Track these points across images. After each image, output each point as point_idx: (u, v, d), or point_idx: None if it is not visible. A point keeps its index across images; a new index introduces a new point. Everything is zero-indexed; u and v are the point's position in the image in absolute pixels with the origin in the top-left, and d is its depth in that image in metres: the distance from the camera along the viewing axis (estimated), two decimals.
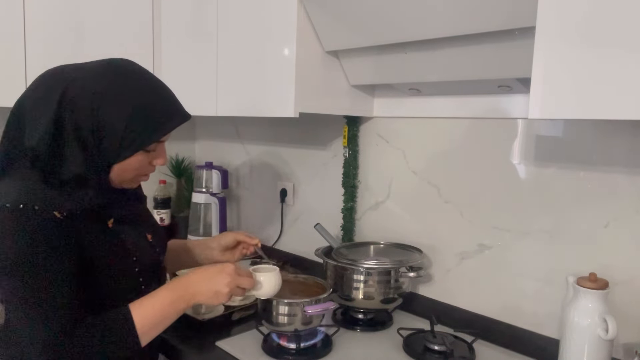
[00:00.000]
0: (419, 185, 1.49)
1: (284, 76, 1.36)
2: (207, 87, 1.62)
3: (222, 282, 0.97)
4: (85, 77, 0.90)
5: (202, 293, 0.97)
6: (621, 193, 1.11)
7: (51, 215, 0.85)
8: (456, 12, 1.07)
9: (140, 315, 0.91)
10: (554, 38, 0.84)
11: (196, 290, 0.96)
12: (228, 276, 0.98)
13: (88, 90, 0.89)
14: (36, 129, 0.88)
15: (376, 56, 1.36)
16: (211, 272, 0.99)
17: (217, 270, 0.99)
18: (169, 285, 0.98)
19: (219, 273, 0.99)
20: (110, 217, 0.97)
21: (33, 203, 0.85)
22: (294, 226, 1.92)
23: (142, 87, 0.93)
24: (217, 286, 0.97)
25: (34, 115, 0.90)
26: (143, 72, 0.96)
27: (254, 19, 1.46)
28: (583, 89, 0.81)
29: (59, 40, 1.58)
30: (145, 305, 0.92)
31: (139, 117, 0.91)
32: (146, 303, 0.93)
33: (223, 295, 0.98)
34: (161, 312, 0.93)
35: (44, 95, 0.90)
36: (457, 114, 1.40)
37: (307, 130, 1.83)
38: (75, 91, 0.88)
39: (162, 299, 0.94)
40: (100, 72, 0.92)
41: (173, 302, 0.94)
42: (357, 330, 1.35)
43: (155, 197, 2.13)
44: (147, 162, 0.99)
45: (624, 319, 1.07)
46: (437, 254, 1.46)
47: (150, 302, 0.93)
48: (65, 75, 0.91)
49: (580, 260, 1.17)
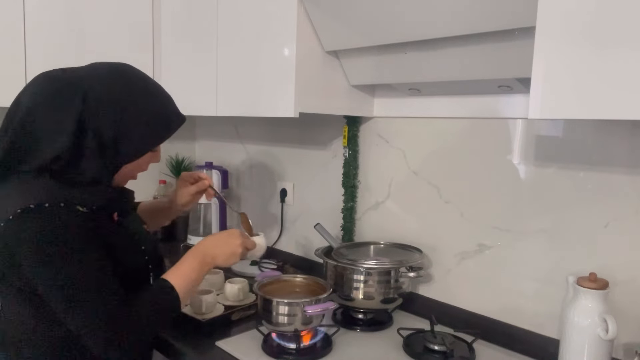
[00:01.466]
0: (419, 185, 1.49)
1: (284, 76, 1.36)
2: (207, 87, 1.62)
3: (235, 243, 1.11)
4: (101, 86, 0.95)
5: (220, 255, 1.09)
6: (621, 193, 1.11)
7: (75, 210, 0.90)
8: (456, 12, 1.07)
9: (178, 284, 1.00)
10: (554, 38, 0.84)
11: (215, 254, 1.08)
12: (239, 237, 1.13)
13: (107, 102, 0.94)
14: (56, 139, 0.91)
15: (376, 56, 1.36)
16: (224, 236, 1.13)
17: (228, 234, 1.14)
18: (189, 254, 1.07)
19: (230, 236, 1.13)
20: (114, 212, 1.03)
21: (57, 201, 0.89)
22: (294, 226, 1.92)
23: (150, 92, 1.01)
24: (232, 247, 1.11)
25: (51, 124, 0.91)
26: (146, 78, 1.03)
27: (254, 19, 1.46)
28: (583, 89, 0.81)
29: (59, 41, 1.58)
30: (177, 274, 1.02)
31: (153, 121, 0.99)
32: (177, 272, 1.03)
33: (237, 255, 1.11)
34: (191, 278, 1.03)
35: (60, 103, 0.92)
36: (457, 114, 1.40)
37: (307, 130, 1.83)
38: (94, 102, 0.93)
39: (190, 266, 1.04)
40: (113, 81, 0.97)
41: (199, 267, 1.05)
42: (357, 330, 1.35)
43: (155, 197, 2.13)
44: (147, 162, 1.06)
45: (624, 319, 1.07)
46: (437, 254, 1.46)
47: (181, 270, 1.03)
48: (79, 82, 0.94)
49: (580, 260, 1.17)
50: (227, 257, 1.10)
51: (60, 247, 0.87)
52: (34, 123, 0.92)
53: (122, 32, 1.69)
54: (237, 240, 1.12)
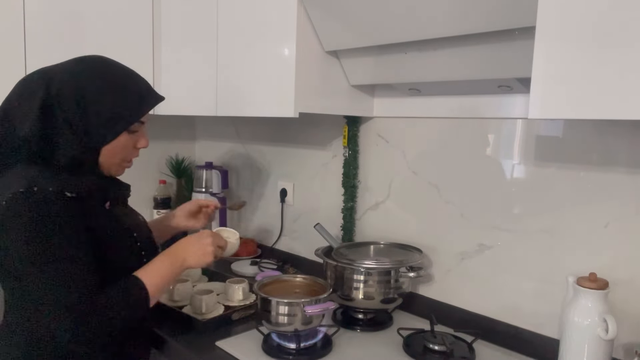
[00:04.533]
0: (419, 185, 1.49)
1: (284, 76, 1.36)
2: (207, 87, 1.62)
3: (205, 241, 1.12)
4: (63, 71, 1.00)
5: (191, 254, 1.10)
6: (621, 193, 1.11)
7: (63, 196, 0.93)
8: (456, 12, 1.07)
9: (149, 280, 1.01)
10: (554, 38, 0.84)
11: (185, 255, 1.09)
12: (209, 237, 1.13)
13: (69, 83, 0.98)
14: (25, 120, 0.96)
15: (376, 56, 1.36)
16: (194, 237, 1.13)
17: (198, 234, 1.14)
18: (163, 253, 1.09)
19: (201, 236, 1.13)
20: (106, 200, 1.06)
21: (46, 185, 0.92)
22: (294, 226, 1.92)
23: (118, 74, 1.04)
24: (203, 247, 1.11)
25: (22, 110, 0.98)
26: (116, 63, 1.06)
27: (254, 19, 1.46)
28: (583, 89, 0.81)
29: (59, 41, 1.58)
30: (149, 272, 1.03)
31: (119, 100, 1.01)
32: (149, 270, 1.04)
33: (209, 254, 1.11)
34: (163, 277, 1.05)
35: (28, 91, 0.99)
36: (457, 114, 1.40)
37: (307, 130, 1.83)
38: (58, 83, 0.98)
39: (162, 265, 1.06)
40: (78, 66, 1.02)
41: (171, 267, 1.07)
42: (357, 330, 1.35)
43: (155, 197, 2.13)
44: (132, 145, 1.08)
45: (624, 319, 1.07)
46: (437, 254, 1.46)
47: (153, 269, 1.04)
48: (47, 72, 1.01)
49: (580, 260, 1.17)
50: (199, 258, 1.11)
51: (43, 229, 0.90)
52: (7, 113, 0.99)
53: (122, 32, 1.69)
54: (207, 240, 1.12)
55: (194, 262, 1.10)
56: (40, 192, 0.91)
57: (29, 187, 0.91)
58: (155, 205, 2.12)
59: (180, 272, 1.10)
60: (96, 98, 0.99)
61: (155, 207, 2.12)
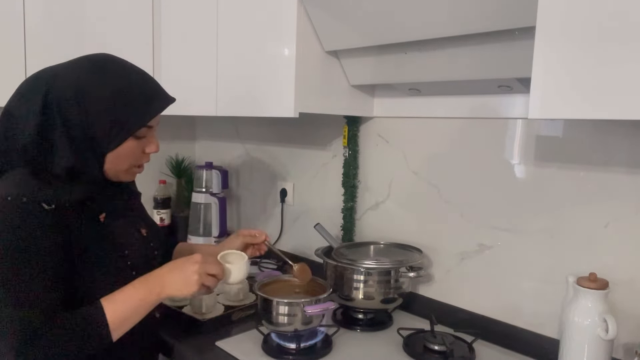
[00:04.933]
0: (419, 185, 1.49)
1: (284, 76, 1.36)
2: (207, 87, 1.62)
3: (190, 269, 0.96)
4: (65, 72, 0.93)
5: (171, 284, 0.96)
6: (621, 193, 1.11)
7: (39, 207, 0.86)
8: (456, 12, 1.07)
9: (112, 309, 0.90)
10: (554, 38, 0.84)
11: (165, 282, 0.95)
12: (195, 264, 0.97)
13: (70, 84, 0.91)
14: (25, 127, 0.91)
15: (376, 56, 1.36)
16: (179, 262, 0.99)
17: (184, 260, 0.99)
18: (139, 279, 0.96)
19: (186, 262, 0.98)
20: (102, 211, 0.97)
21: (21, 195, 0.86)
22: (294, 226, 1.92)
23: (122, 74, 0.95)
24: (186, 274, 0.96)
25: (21, 114, 0.92)
26: (121, 61, 0.98)
27: (254, 19, 1.45)
28: (583, 89, 0.81)
29: (59, 41, 1.58)
30: (117, 300, 0.92)
31: (123, 103, 0.93)
32: (117, 298, 0.92)
33: (193, 284, 0.96)
34: (132, 307, 0.93)
35: (28, 94, 0.93)
36: (457, 114, 1.40)
37: (307, 130, 1.83)
38: (57, 86, 0.91)
39: (133, 293, 0.94)
40: (79, 66, 0.94)
41: (144, 296, 0.94)
42: (357, 330, 1.35)
43: (155, 197, 2.13)
44: (140, 151, 0.99)
45: (624, 319, 1.07)
46: (437, 254, 1.46)
47: (122, 296, 0.93)
48: (46, 73, 0.94)
49: (580, 260, 1.17)
50: (180, 286, 0.96)
51: (6, 241, 0.85)
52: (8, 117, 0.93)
53: (122, 32, 1.69)
54: (193, 267, 0.96)
55: (174, 292, 0.95)
56: (14, 202, 0.85)
57: (4, 195, 0.86)
58: (155, 205, 2.12)
59: (156, 303, 0.96)
60: (98, 101, 0.91)
61: (155, 207, 2.12)
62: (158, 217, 2.11)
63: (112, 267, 0.97)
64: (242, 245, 1.24)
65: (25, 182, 0.89)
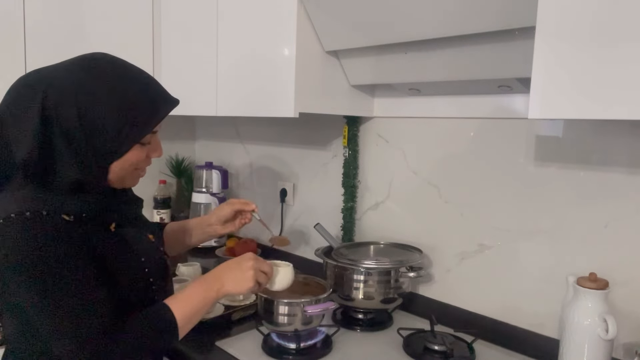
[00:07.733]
0: (419, 185, 1.49)
1: (284, 76, 1.36)
2: (207, 87, 1.62)
3: (245, 266, 1.01)
4: (63, 78, 0.85)
5: (229, 280, 0.99)
6: (621, 193, 1.11)
7: (60, 219, 0.84)
8: (456, 12, 1.07)
9: (178, 309, 0.92)
10: (554, 38, 0.84)
11: (224, 279, 0.99)
12: (250, 260, 1.02)
13: (69, 93, 0.84)
14: (23, 142, 0.84)
15: (376, 56, 1.36)
16: (234, 261, 1.04)
17: (239, 258, 1.04)
18: (198, 279, 1.01)
19: (241, 259, 1.03)
20: (112, 221, 0.96)
21: (39, 209, 0.83)
22: (294, 226, 1.92)
23: (124, 78, 0.89)
24: (242, 271, 1.01)
25: (17, 128, 0.84)
26: (122, 63, 0.91)
27: (254, 18, 1.46)
28: (583, 89, 0.81)
29: (59, 40, 1.58)
30: (180, 300, 0.94)
31: (128, 110, 0.87)
32: (181, 298, 0.95)
33: (249, 279, 1.00)
34: (196, 305, 0.95)
35: (23, 105, 0.85)
36: (457, 114, 1.40)
37: (307, 130, 1.83)
38: (55, 95, 0.83)
39: (195, 292, 0.96)
40: (77, 71, 0.86)
41: (205, 294, 0.97)
42: (357, 330, 1.35)
43: (155, 197, 2.13)
44: (144, 156, 0.96)
45: (624, 319, 1.07)
46: (437, 254, 1.46)
47: (184, 296, 0.95)
48: (42, 79, 0.86)
49: (580, 260, 1.17)
50: (238, 281, 1.00)
51: (40, 259, 0.80)
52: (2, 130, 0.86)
53: (122, 32, 1.69)
54: (248, 263, 1.01)
55: (232, 288, 0.99)
56: (35, 217, 0.81)
57: (20, 211, 0.81)
58: (155, 205, 2.12)
59: (216, 300, 0.99)
60: (102, 110, 0.84)
61: (155, 207, 2.12)
62: (158, 217, 2.11)
63: (132, 275, 0.96)
64: (232, 213, 1.26)
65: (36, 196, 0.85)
